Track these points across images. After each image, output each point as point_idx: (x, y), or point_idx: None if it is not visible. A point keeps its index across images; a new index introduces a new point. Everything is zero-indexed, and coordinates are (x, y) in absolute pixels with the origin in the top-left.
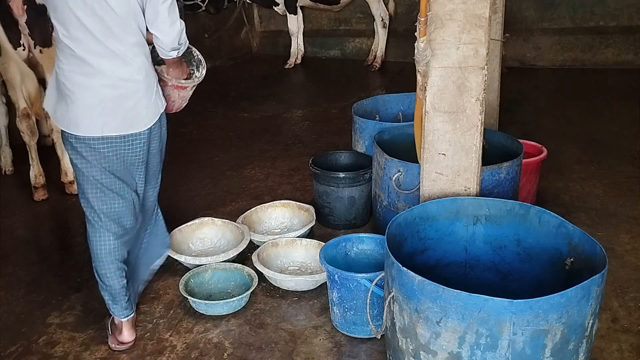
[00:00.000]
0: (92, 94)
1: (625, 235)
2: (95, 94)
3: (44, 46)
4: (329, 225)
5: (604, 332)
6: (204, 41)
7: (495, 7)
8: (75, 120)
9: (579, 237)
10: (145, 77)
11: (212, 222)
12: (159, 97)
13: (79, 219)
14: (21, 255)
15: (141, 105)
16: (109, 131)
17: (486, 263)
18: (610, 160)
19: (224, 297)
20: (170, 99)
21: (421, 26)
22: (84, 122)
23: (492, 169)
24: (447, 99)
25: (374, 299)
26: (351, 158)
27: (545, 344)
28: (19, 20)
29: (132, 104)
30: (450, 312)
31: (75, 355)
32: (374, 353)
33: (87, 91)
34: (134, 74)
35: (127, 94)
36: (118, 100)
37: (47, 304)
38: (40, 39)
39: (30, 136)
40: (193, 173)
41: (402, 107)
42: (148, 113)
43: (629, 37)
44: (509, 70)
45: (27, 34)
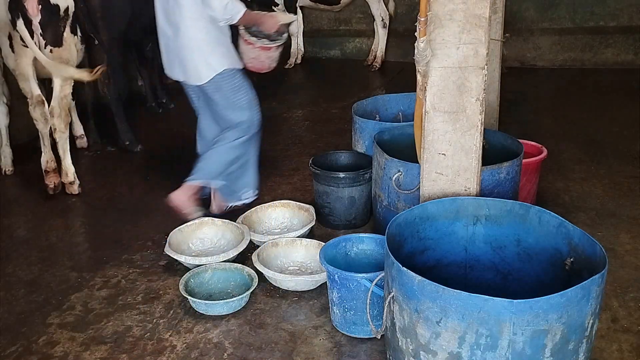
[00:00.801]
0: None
1: (625, 235)
2: None
3: (55, 46)
4: (329, 225)
5: (604, 332)
6: None
7: (495, 7)
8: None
9: (579, 237)
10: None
11: (212, 222)
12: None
13: (79, 219)
14: (21, 255)
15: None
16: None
17: (486, 263)
18: (610, 160)
19: (224, 297)
20: (259, 59)
21: (421, 26)
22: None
23: (492, 169)
24: (447, 99)
25: (374, 299)
26: (351, 158)
27: (545, 344)
28: (33, 20)
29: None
30: (450, 312)
31: (75, 355)
32: (374, 353)
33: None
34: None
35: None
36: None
37: (47, 304)
38: (52, 39)
39: (43, 123)
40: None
41: (402, 107)
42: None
43: (629, 37)
44: (509, 70)
45: (40, 33)
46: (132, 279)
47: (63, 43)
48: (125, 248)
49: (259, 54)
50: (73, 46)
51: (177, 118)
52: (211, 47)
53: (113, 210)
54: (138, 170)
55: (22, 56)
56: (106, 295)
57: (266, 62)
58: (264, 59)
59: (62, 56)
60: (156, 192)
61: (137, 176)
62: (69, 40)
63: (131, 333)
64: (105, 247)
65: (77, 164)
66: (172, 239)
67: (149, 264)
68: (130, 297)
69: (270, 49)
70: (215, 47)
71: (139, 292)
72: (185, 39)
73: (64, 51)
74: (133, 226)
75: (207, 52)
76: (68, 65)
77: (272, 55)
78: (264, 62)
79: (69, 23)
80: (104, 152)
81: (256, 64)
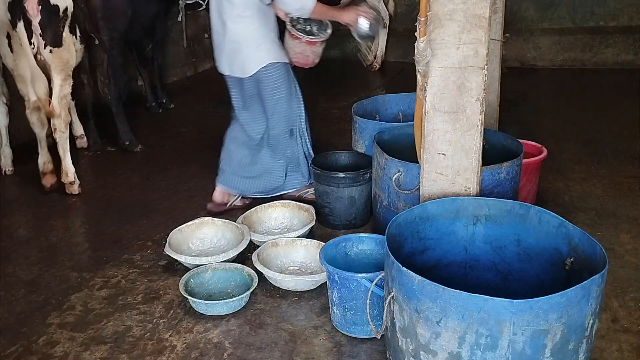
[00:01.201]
0: None
1: (625, 235)
2: None
3: (55, 46)
4: (329, 225)
5: (604, 332)
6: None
7: (495, 7)
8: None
9: (579, 237)
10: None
11: (212, 222)
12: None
13: (79, 219)
14: (21, 255)
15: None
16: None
17: (486, 263)
18: (610, 160)
19: (224, 297)
20: (304, 54)
21: (421, 26)
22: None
23: (492, 169)
24: (447, 99)
25: (374, 299)
26: (351, 158)
27: (545, 344)
28: (33, 21)
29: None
30: (450, 312)
31: (75, 355)
32: (374, 353)
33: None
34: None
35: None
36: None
37: (47, 304)
38: (51, 39)
39: (40, 127)
40: (193, 173)
41: (402, 107)
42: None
43: (629, 37)
44: (509, 70)
45: (39, 34)
46: (132, 279)
47: (62, 43)
48: (125, 248)
49: (304, 48)
50: (72, 46)
51: (177, 118)
52: (257, 41)
53: (113, 210)
54: (138, 170)
55: (21, 56)
56: (106, 295)
57: (311, 56)
58: (309, 53)
59: (61, 56)
60: (156, 192)
61: (137, 176)
62: (68, 40)
63: (131, 333)
64: (105, 247)
65: (77, 164)
66: (172, 239)
67: (149, 264)
68: (130, 297)
69: (315, 44)
70: (261, 41)
71: (139, 292)
72: (232, 34)
73: (64, 51)
74: (133, 226)
75: (252, 46)
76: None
77: (317, 50)
78: (309, 56)
79: (68, 23)
80: (104, 152)
81: (301, 58)
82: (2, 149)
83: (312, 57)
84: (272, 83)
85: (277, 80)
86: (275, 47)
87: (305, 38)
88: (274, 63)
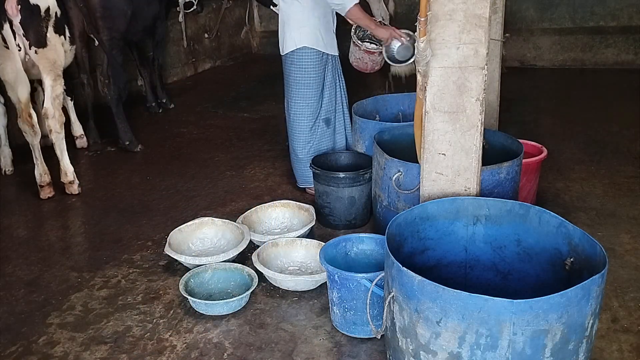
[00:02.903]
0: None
1: (625, 235)
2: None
3: (39, 47)
4: (329, 225)
5: (604, 332)
6: (204, 41)
7: (495, 7)
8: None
9: (579, 237)
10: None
11: (212, 222)
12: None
13: (79, 218)
14: (21, 255)
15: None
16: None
17: (486, 263)
18: (610, 160)
19: (224, 297)
20: (363, 61)
21: (421, 26)
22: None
23: (492, 169)
24: (447, 99)
25: (374, 299)
26: (351, 158)
27: (545, 344)
28: (13, 21)
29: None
30: (450, 312)
31: (75, 355)
32: (374, 353)
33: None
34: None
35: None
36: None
37: (47, 304)
38: (35, 39)
39: (32, 136)
40: (193, 173)
41: (402, 107)
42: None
43: (629, 37)
44: (509, 70)
45: (22, 34)
46: (132, 279)
47: (47, 43)
48: (125, 248)
49: (362, 55)
50: (59, 47)
51: (177, 118)
52: (298, 24)
53: (113, 210)
54: (138, 170)
55: (7, 60)
56: (106, 295)
57: (369, 64)
58: (367, 61)
59: (47, 57)
60: (156, 192)
61: (137, 176)
62: (54, 40)
63: (131, 333)
64: (105, 247)
65: (77, 164)
66: (172, 239)
67: (149, 264)
68: (130, 297)
69: (374, 54)
70: (302, 25)
71: (139, 292)
72: (282, 13)
73: (49, 52)
74: (133, 226)
75: (293, 27)
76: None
77: (375, 59)
78: (367, 63)
79: (52, 23)
80: (104, 152)
81: (360, 64)
82: (1, 149)
83: (370, 65)
84: (302, 66)
85: (308, 64)
86: (316, 33)
87: (363, 47)
88: (309, 47)
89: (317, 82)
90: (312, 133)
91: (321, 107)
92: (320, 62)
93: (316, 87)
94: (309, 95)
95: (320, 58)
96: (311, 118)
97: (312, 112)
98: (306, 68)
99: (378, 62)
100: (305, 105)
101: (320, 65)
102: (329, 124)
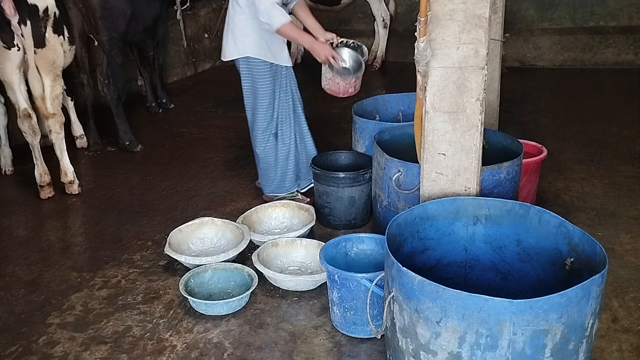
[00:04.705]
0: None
1: (625, 235)
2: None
3: (38, 47)
4: (329, 225)
5: (604, 332)
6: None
7: (495, 7)
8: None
9: (579, 237)
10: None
11: (212, 222)
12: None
13: (79, 218)
14: (21, 255)
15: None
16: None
17: (486, 263)
18: (610, 160)
19: (224, 297)
20: (334, 81)
21: (421, 26)
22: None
23: (492, 169)
24: (447, 99)
25: (374, 299)
26: (351, 158)
27: (545, 344)
28: (12, 21)
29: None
30: (450, 312)
31: (75, 355)
32: (374, 353)
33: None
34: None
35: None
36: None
37: (47, 304)
38: (33, 39)
39: (32, 136)
40: (193, 173)
41: (402, 107)
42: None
43: (629, 37)
44: (509, 70)
45: (20, 34)
46: (132, 279)
47: (46, 44)
48: (125, 248)
49: (333, 76)
50: (59, 47)
51: (177, 118)
52: (241, 32)
53: (113, 210)
54: (138, 170)
55: (6, 60)
56: (106, 295)
57: (341, 85)
58: (339, 81)
59: (46, 57)
60: (156, 192)
61: (137, 176)
62: (53, 40)
63: (131, 333)
64: (105, 247)
65: (77, 164)
66: (172, 239)
67: (149, 264)
68: (130, 297)
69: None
70: (245, 34)
71: (139, 292)
72: (228, 19)
73: (48, 52)
74: (133, 226)
75: (237, 36)
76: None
77: (350, 81)
78: (339, 84)
79: (51, 23)
80: (104, 152)
81: (332, 86)
82: (1, 149)
83: (342, 86)
84: (246, 76)
85: (250, 74)
86: (261, 43)
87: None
88: (252, 58)
89: (267, 93)
90: (265, 145)
91: (273, 120)
92: (269, 72)
93: (261, 99)
94: (255, 105)
95: (269, 68)
96: (261, 128)
97: (267, 124)
98: (249, 78)
99: (353, 84)
100: (251, 114)
101: (269, 75)
102: (277, 138)
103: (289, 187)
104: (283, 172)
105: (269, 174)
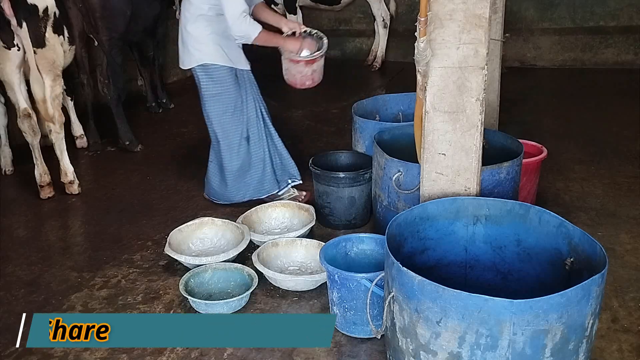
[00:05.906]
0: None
1: (625, 235)
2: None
3: (38, 47)
4: (329, 225)
5: (604, 332)
6: None
7: (495, 7)
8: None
9: (579, 237)
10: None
11: (212, 222)
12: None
13: (79, 218)
14: (21, 255)
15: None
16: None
17: (486, 263)
18: (610, 160)
19: (224, 297)
20: (290, 72)
21: (421, 26)
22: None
23: (492, 169)
24: (447, 99)
25: (374, 299)
26: (351, 158)
27: (545, 344)
28: (11, 21)
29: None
30: (450, 312)
31: (75, 355)
32: (374, 353)
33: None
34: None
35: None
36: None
37: (47, 304)
38: (33, 39)
39: (32, 136)
40: (193, 173)
41: (402, 107)
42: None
43: (629, 37)
44: (509, 70)
45: (19, 34)
46: (132, 279)
47: (46, 44)
48: (125, 248)
49: (289, 66)
50: (58, 47)
51: (177, 118)
52: (195, 41)
53: (113, 210)
54: (138, 170)
55: (6, 60)
56: (106, 295)
57: (297, 77)
58: (294, 72)
59: (46, 57)
60: (156, 192)
61: (137, 176)
62: (52, 40)
63: None
64: (105, 247)
65: (77, 164)
66: (172, 239)
67: (149, 264)
68: (130, 297)
69: (299, 63)
70: (201, 42)
71: (139, 292)
72: (181, 27)
73: (48, 52)
74: (133, 226)
75: (194, 44)
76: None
77: (302, 70)
78: (295, 76)
79: (51, 23)
80: (104, 152)
81: (290, 77)
82: (1, 149)
83: (299, 79)
84: (206, 83)
85: (211, 81)
86: (217, 49)
87: (288, 56)
88: (211, 64)
89: (232, 97)
90: (238, 150)
91: (243, 123)
92: (230, 76)
93: (234, 101)
94: (215, 113)
95: (229, 72)
96: (238, 132)
97: (238, 128)
98: (208, 85)
99: (307, 75)
100: (212, 124)
101: (230, 78)
102: (249, 141)
103: (269, 189)
104: (261, 174)
105: (245, 179)
